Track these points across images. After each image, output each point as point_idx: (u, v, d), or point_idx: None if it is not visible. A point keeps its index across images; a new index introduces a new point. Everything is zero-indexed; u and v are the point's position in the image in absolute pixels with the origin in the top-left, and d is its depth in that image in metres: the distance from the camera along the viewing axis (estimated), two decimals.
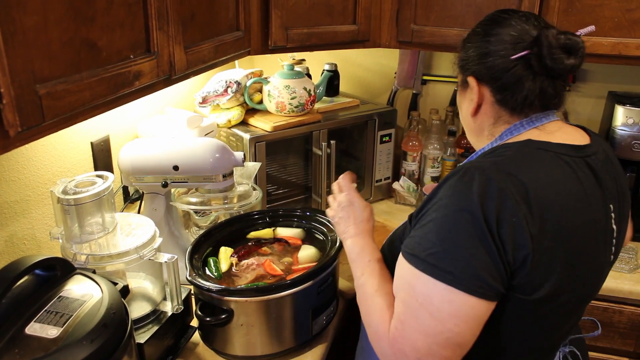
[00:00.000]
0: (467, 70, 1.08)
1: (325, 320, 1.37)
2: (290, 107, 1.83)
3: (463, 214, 0.88)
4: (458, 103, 1.17)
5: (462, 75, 1.11)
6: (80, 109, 0.92)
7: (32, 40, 0.80)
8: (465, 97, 1.11)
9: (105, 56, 0.98)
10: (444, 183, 0.94)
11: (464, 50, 1.09)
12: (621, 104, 1.84)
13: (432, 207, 0.93)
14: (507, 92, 1.03)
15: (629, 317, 1.70)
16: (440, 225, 0.90)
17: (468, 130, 1.15)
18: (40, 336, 0.85)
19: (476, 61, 1.05)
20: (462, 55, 1.10)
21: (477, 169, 0.91)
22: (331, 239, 1.43)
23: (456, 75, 1.15)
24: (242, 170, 1.61)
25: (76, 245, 1.17)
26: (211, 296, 1.23)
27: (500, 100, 1.05)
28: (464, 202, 0.88)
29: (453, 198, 0.90)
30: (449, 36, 1.75)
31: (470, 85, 1.07)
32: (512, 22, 1.03)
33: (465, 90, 1.11)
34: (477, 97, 1.07)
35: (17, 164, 1.34)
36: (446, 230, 0.89)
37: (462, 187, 0.90)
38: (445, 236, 0.89)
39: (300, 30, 1.69)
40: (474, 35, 1.08)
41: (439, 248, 0.88)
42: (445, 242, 0.88)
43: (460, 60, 1.11)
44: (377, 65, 2.39)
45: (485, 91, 1.06)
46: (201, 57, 1.33)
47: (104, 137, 1.63)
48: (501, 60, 1.02)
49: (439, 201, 0.92)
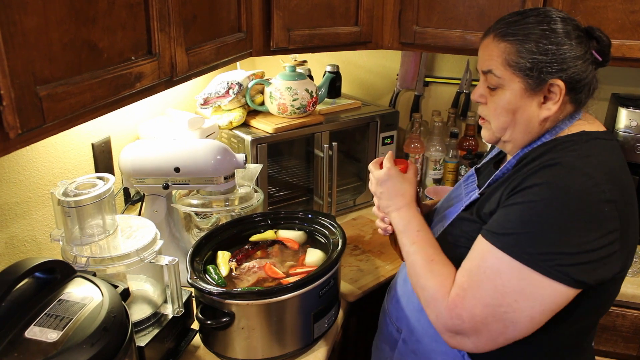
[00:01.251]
0: (551, 74, 1.03)
1: (327, 323, 1.36)
2: (292, 109, 1.82)
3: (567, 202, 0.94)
4: (513, 105, 1.07)
5: (537, 78, 1.04)
6: (81, 111, 0.92)
7: (32, 42, 0.80)
8: (533, 100, 1.06)
9: (106, 57, 0.98)
10: (534, 175, 0.98)
11: (544, 52, 1.02)
12: (624, 107, 1.83)
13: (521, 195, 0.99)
14: (584, 92, 1.06)
15: (632, 320, 1.69)
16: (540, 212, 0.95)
17: (521, 131, 1.09)
18: (40, 340, 0.84)
19: (563, 64, 1.02)
20: (542, 58, 1.02)
21: (570, 166, 0.96)
22: (333, 242, 1.42)
23: (496, 75, 1.07)
24: (243, 172, 1.60)
25: (77, 247, 1.16)
26: (212, 299, 1.22)
27: (576, 100, 1.07)
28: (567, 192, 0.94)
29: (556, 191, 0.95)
30: (451, 38, 1.74)
31: (555, 89, 1.03)
32: (562, 20, 1.05)
33: (536, 92, 1.05)
34: (561, 100, 1.04)
35: (17, 165, 1.33)
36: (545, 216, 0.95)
37: (559, 181, 0.95)
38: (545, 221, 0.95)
39: (302, 31, 1.68)
40: (553, 36, 1.03)
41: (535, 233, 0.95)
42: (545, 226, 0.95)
43: (540, 62, 1.03)
44: (379, 67, 2.38)
45: (565, 93, 1.05)
46: (203, 58, 1.32)
47: (104, 139, 1.63)
48: (582, 62, 1.03)
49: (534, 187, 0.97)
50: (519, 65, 1.04)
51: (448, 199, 1.29)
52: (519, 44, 1.04)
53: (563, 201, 0.93)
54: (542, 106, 1.06)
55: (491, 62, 1.08)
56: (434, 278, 1.05)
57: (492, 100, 1.11)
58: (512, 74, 1.05)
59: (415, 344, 1.22)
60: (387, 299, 1.37)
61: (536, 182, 0.97)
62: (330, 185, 1.91)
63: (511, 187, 1.01)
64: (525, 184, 0.98)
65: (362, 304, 1.62)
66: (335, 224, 1.49)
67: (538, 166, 0.99)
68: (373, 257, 1.77)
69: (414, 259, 1.11)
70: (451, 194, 1.31)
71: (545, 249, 0.92)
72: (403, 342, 1.25)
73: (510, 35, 1.06)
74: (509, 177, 1.06)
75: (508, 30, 1.06)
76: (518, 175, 1.02)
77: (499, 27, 1.09)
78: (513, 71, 1.05)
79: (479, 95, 1.14)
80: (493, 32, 1.09)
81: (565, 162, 0.97)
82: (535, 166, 1.00)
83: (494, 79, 1.08)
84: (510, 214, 0.98)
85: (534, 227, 0.94)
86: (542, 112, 1.06)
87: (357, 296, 1.58)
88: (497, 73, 1.07)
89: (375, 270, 1.68)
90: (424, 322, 1.18)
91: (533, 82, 1.04)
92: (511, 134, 1.11)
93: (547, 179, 0.96)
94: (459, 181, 1.35)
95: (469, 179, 1.27)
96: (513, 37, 1.05)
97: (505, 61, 1.06)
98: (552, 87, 1.03)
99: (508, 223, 0.97)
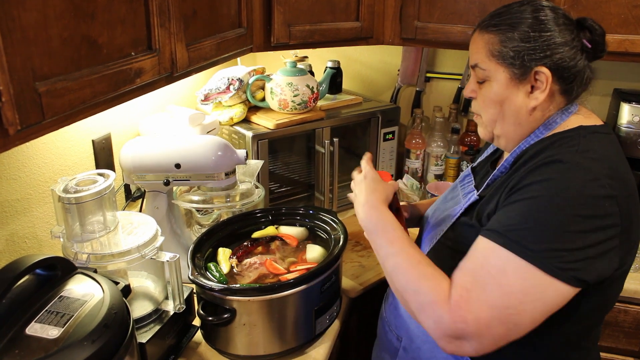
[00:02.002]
0: (535, 61, 1.02)
1: (329, 319, 1.36)
2: (292, 105, 1.82)
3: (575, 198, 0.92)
4: (500, 96, 1.07)
5: (520, 66, 1.03)
6: (80, 107, 0.91)
7: (31, 37, 0.79)
8: (520, 90, 1.05)
9: (106, 53, 0.97)
10: (533, 173, 0.97)
11: (526, 39, 1.02)
12: (627, 102, 1.83)
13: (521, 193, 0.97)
14: (574, 82, 1.04)
15: (634, 316, 1.68)
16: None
17: (511, 123, 1.08)
18: (41, 337, 0.84)
19: (547, 51, 1.01)
20: (523, 45, 1.02)
21: (570, 162, 0.95)
22: (334, 238, 1.42)
23: (482, 68, 1.07)
24: (244, 168, 1.60)
25: (77, 244, 1.16)
26: (213, 295, 1.22)
27: (566, 90, 1.05)
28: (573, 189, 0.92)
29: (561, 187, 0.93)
30: (452, 33, 1.73)
31: (541, 77, 1.02)
32: (547, 9, 1.04)
33: (522, 82, 1.04)
34: (548, 89, 1.03)
35: (17, 162, 1.33)
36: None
37: (564, 178, 0.93)
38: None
39: (303, 27, 1.68)
40: (536, 24, 1.02)
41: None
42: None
43: (522, 50, 1.02)
44: (380, 63, 2.37)
45: (553, 82, 1.03)
46: (203, 54, 1.32)
47: (105, 135, 1.62)
48: (568, 48, 1.02)
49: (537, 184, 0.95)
50: (502, 55, 1.04)
51: (444, 201, 1.27)
52: (502, 33, 1.04)
53: (563, 197, 0.91)
54: (529, 95, 1.04)
55: (477, 56, 1.08)
56: (427, 280, 0.98)
57: (481, 93, 1.10)
58: (496, 64, 1.05)
59: (416, 351, 1.19)
60: (385, 306, 1.34)
61: (536, 179, 0.95)
62: (331, 181, 1.91)
63: (510, 186, 0.99)
64: (525, 181, 0.97)
65: (363, 300, 1.62)
66: (336, 219, 1.49)
67: (537, 164, 0.98)
68: (374, 253, 1.76)
69: (397, 261, 1.04)
70: (447, 196, 1.29)
71: (547, 245, 0.90)
72: (404, 350, 1.23)
73: (493, 26, 1.06)
74: (508, 177, 1.04)
75: (492, 21, 1.07)
76: (517, 174, 1.01)
77: (484, 20, 1.09)
78: (497, 61, 1.05)
79: (470, 91, 1.13)
80: (480, 26, 1.10)
81: (565, 159, 0.95)
82: (534, 164, 0.99)
83: (481, 72, 1.08)
84: (511, 211, 0.96)
85: (535, 224, 0.92)
86: (530, 101, 1.05)
87: (359, 292, 1.58)
88: (482, 66, 1.07)
89: (377, 266, 1.68)
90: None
91: (518, 71, 1.03)
92: (502, 127, 1.10)
93: (547, 176, 0.94)
94: (455, 182, 1.33)
95: (465, 179, 1.25)
96: (496, 28, 1.05)
97: (490, 52, 1.05)
98: (537, 74, 1.02)
99: (509, 220, 0.95)
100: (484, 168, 1.24)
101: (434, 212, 1.29)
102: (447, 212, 1.19)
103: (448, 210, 1.19)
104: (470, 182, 1.21)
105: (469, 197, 1.15)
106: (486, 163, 1.26)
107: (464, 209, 1.13)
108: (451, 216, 1.16)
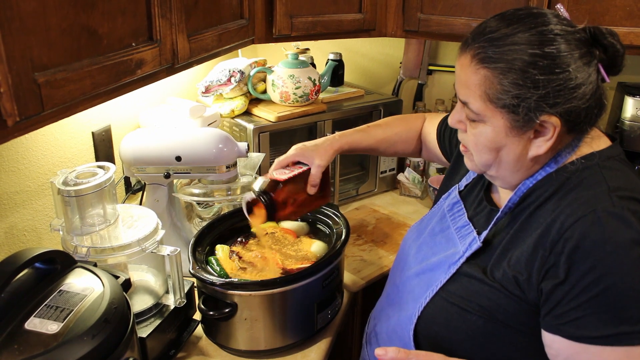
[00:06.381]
0: (542, 110, 0.85)
1: (330, 314, 1.35)
2: (294, 97, 1.80)
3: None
4: (497, 144, 0.91)
5: (524, 116, 0.87)
6: (80, 98, 0.90)
7: (30, 27, 0.78)
8: (521, 138, 0.89)
9: (106, 44, 0.95)
10: (571, 238, 0.83)
11: (533, 85, 0.84)
12: (631, 95, 1.81)
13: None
14: (586, 120, 0.89)
15: None
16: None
17: (509, 169, 0.94)
18: (40, 331, 0.83)
19: (559, 98, 0.85)
20: (529, 92, 0.85)
21: (602, 210, 0.82)
22: (336, 232, 1.41)
23: (474, 112, 0.90)
24: (245, 161, 1.59)
25: (77, 237, 1.15)
26: (214, 290, 1.21)
27: (575, 130, 0.90)
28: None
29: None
30: (456, 25, 1.72)
31: (548, 126, 0.87)
32: (559, 37, 0.85)
33: (524, 130, 0.88)
34: (555, 137, 0.88)
35: (16, 154, 1.32)
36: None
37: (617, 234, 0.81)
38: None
39: (305, 18, 1.66)
40: (546, 62, 0.84)
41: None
42: None
43: (528, 97, 0.85)
44: (383, 55, 2.35)
45: (561, 125, 0.87)
46: (204, 45, 1.30)
47: (105, 127, 1.61)
48: (584, 87, 0.85)
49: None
50: (501, 101, 0.87)
51: (432, 234, 1.12)
52: (502, 74, 0.86)
53: (625, 258, 0.79)
54: (532, 142, 0.90)
55: (468, 93, 0.91)
56: None
57: (472, 132, 0.94)
58: (493, 110, 0.88)
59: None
60: (367, 349, 1.21)
61: (580, 244, 0.81)
62: (332, 174, 1.90)
63: (551, 273, 0.84)
64: (569, 251, 0.82)
65: (365, 295, 1.61)
66: (338, 213, 1.48)
67: (568, 217, 0.84)
68: (376, 247, 1.76)
69: None
70: (434, 227, 1.13)
71: (634, 313, 0.79)
72: None
73: (491, 60, 0.87)
74: (514, 218, 0.94)
75: (488, 51, 0.87)
76: (530, 223, 0.89)
77: (478, 43, 0.89)
78: (494, 107, 0.88)
79: (457, 121, 0.98)
80: (472, 48, 0.90)
81: (599, 208, 0.82)
82: (560, 215, 0.85)
83: (472, 114, 0.92)
84: (592, 315, 0.81)
85: (618, 305, 0.79)
86: (531, 149, 0.90)
87: (361, 286, 1.57)
88: (474, 108, 0.90)
89: (379, 261, 1.67)
90: None
91: (520, 120, 0.87)
92: (497, 171, 0.96)
93: (595, 260, 0.80)
94: (439, 206, 1.18)
95: (455, 207, 1.11)
96: (494, 65, 0.86)
97: (486, 95, 0.88)
98: (544, 123, 0.87)
99: (600, 322, 0.80)
100: (477, 198, 1.09)
101: (420, 245, 1.14)
102: (440, 255, 1.05)
103: (441, 254, 1.05)
104: (462, 214, 1.08)
105: (471, 244, 1.00)
106: (475, 188, 1.12)
107: (466, 258, 0.99)
108: (449, 264, 1.01)
